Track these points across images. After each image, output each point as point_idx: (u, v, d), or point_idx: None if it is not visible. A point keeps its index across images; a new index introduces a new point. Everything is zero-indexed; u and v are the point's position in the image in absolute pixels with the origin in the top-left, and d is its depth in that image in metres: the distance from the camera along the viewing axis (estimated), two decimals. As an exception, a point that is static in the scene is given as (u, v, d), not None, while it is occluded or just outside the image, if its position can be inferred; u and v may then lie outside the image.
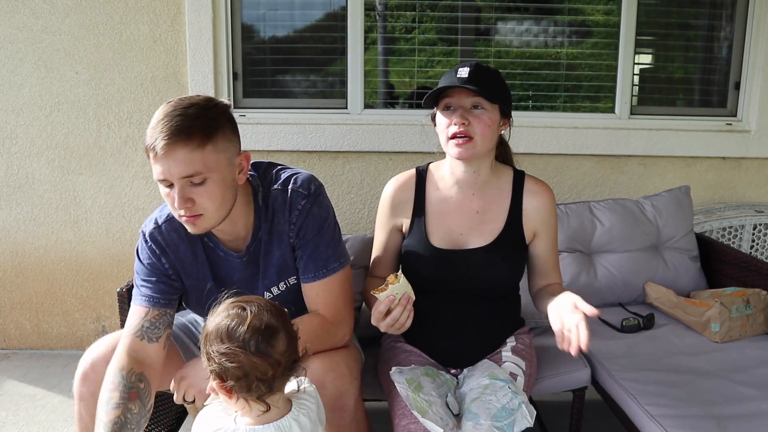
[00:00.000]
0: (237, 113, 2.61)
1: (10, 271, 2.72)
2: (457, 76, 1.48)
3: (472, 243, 1.58)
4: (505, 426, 1.31)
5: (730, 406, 1.53)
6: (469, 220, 1.59)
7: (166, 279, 1.45)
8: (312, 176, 1.48)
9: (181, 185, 1.27)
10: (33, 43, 2.51)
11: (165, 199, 1.32)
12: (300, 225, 1.43)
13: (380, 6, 2.66)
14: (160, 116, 1.26)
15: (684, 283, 2.23)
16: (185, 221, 1.33)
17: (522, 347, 1.62)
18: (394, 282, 1.35)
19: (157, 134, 1.24)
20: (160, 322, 1.41)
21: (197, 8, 2.47)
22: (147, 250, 1.44)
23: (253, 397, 1.05)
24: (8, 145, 2.59)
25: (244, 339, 1.02)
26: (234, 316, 1.05)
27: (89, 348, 1.47)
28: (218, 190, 1.30)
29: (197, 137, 1.25)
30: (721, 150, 2.66)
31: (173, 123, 1.24)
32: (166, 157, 1.24)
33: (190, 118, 1.26)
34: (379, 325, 1.38)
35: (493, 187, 1.60)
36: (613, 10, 2.65)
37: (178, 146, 1.24)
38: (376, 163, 2.64)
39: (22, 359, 2.70)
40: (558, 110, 2.72)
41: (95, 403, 1.31)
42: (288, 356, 1.07)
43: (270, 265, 1.47)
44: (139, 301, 1.43)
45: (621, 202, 2.32)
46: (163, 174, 1.26)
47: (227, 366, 1.02)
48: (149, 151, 1.26)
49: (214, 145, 1.28)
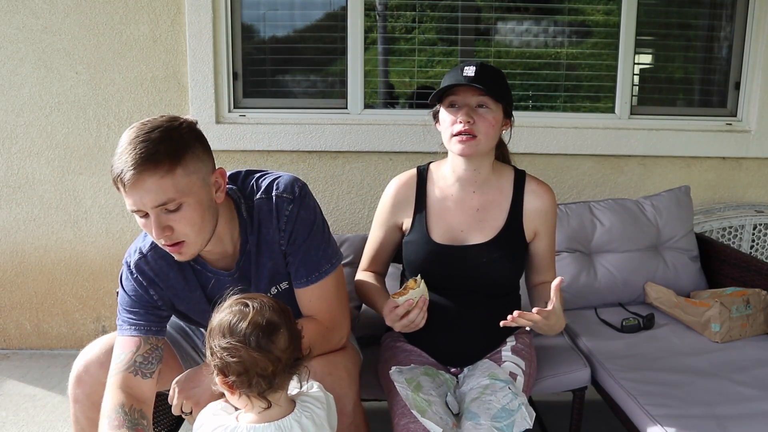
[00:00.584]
0: (237, 113, 2.61)
1: (10, 271, 2.72)
2: (464, 74, 1.49)
3: (472, 239, 1.59)
4: (505, 427, 1.31)
5: (730, 406, 1.53)
6: (470, 217, 1.60)
7: (154, 310, 1.39)
8: (294, 178, 1.42)
9: (155, 214, 1.20)
10: (33, 43, 2.51)
11: (144, 229, 1.26)
12: (290, 231, 1.38)
13: (380, 6, 2.66)
14: (124, 144, 1.19)
15: (684, 283, 2.23)
16: (170, 251, 1.27)
17: (522, 347, 1.63)
18: (414, 287, 1.38)
19: (122, 164, 1.17)
20: (153, 357, 1.35)
21: (197, 8, 2.47)
22: (133, 282, 1.38)
23: (254, 393, 1.06)
24: (8, 145, 2.59)
25: (245, 334, 1.04)
26: (236, 312, 1.07)
27: (83, 350, 1.44)
28: (196, 213, 1.23)
29: (164, 163, 1.18)
30: (721, 150, 2.66)
31: (137, 151, 1.17)
32: (136, 188, 1.17)
33: (155, 143, 1.18)
34: (394, 326, 1.41)
35: (493, 186, 1.62)
36: (613, 10, 2.65)
37: (145, 175, 1.16)
38: (376, 163, 2.64)
39: (22, 359, 2.70)
40: (558, 110, 2.72)
41: (90, 405, 1.30)
42: (289, 353, 1.07)
43: (262, 276, 1.43)
44: (127, 332, 1.36)
45: (621, 202, 2.32)
46: (135, 205, 1.20)
47: (228, 361, 1.04)
48: (117, 183, 1.19)
49: (184, 167, 1.20)
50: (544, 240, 1.64)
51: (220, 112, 2.58)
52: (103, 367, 1.37)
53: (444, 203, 1.62)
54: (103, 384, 1.32)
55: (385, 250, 1.69)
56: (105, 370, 1.35)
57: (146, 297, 1.38)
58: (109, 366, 1.34)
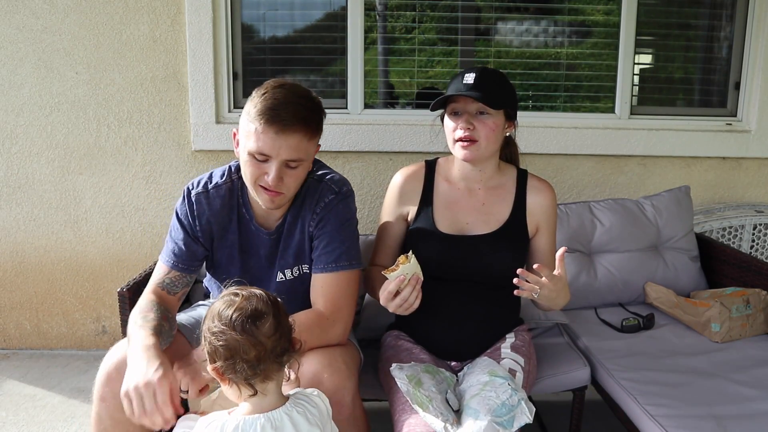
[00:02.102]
0: (237, 113, 2.61)
1: (10, 271, 2.72)
2: (464, 82, 1.55)
3: (477, 230, 1.64)
4: (505, 422, 1.32)
5: (730, 406, 1.53)
6: (476, 210, 1.66)
7: (193, 240, 1.53)
8: (346, 180, 1.57)
9: (280, 165, 1.36)
10: (33, 43, 2.51)
11: (247, 168, 1.40)
12: (321, 217, 1.50)
13: (380, 6, 2.66)
14: (280, 96, 1.34)
15: (684, 283, 2.23)
16: (268, 196, 1.41)
17: (521, 344, 1.64)
18: (405, 262, 1.38)
19: (279, 111, 1.32)
20: (179, 282, 1.53)
21: (197, 8, 2.47)
22: (186, 208, 1.53)
23: (241, 379, 1.10)
24: (8, 145, 2.59)
25: (231, 318, 1.10)
26: (228, 301, 1.13)
27: (111, 349, 1.43)
28: (303, 174, 1.45)
29: (312, 128, 1.38)
30: (721, 150, 2.66)
31: (296, 108, 1.34)
32: (280, 137, 1.33)
33: (310, 110, 1.38)
34: (388, 306, 1.42)
35: (497, 184, 1.68)
36: (613, 10, 2.65)
37: (296, 131, 1.34)
38: (376, 163, 2.64)
39: (22, 359, 2.70)
40: (558, 110, 2.72)
41: (117, 405, 1.28)
42: (275, 341, 1.10)
43: (289, 246, 1.54)
44: (164, 259, 1.54)
45: (621, 202, 2.32)
46: (268, 150, 1.35)
47: (216, 345, 1.10)
48: (260, 121, 1.33)
49: (318, 137, 1.43)
50: (545, 236, 1.68)
51: (220, 112, 2.58)
52: None
53: (451, 196, 1.68)
54: None
55: (395, 241, 1.73)
56: None
57: (192, 225, 1.53)
58: None
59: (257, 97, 1.38)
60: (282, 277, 1.57)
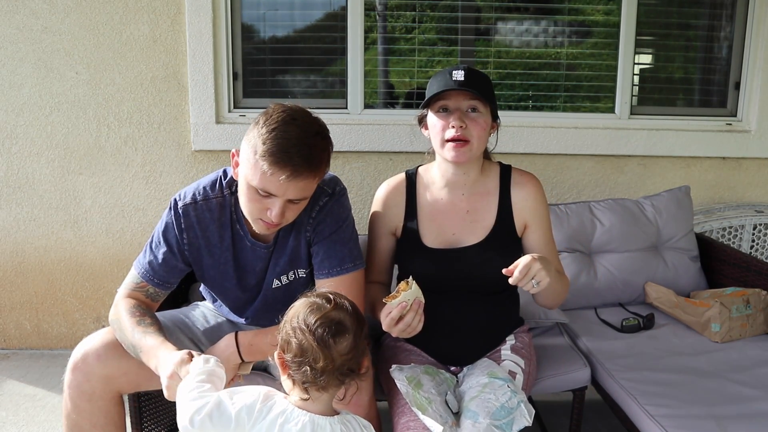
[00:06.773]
0: (237, 113, 2.61)
1: (10, 271, 2.72)
2: (454, 78, 1.48)
3: (465, 241, 1.59)
4: (504, 425, 1.31)
5: (730, 406, 1.53)
6: (461, 220, 1.61)
7: (174, 256, 1.47)
8: (337, 178, 1.53)
9: (284, 203, 1.32)
10: (33, 43, 2.51)
11: (247, 200, 1.34)
12: (318, 221, 1.47)
13: (380, 6, 2.66)
14: (292, 135, 1.26)
15: (684, 283, 2.23)
16: (266, 226, 1.36)
17: (521, 346, 1.63)
18: (406, 289, 1.37)
19: (288, 153, 1.25)
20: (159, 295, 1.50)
21: (197, 8, 2.47)
22: (173, 220, 1.47)
23: (299, 380, 1.10)
24: (8, 145, 2.59)
25: (314, 324, 1.08)
26: (317, 305, 1.12)
27: (83, 340, 1.48)
28: (305, 205, 1.39)
29: (320, 170, 1.32)
30: (721, 150, 2.66)
31: (310, 152, 1.27)
32: (289, 181, 1.27)
33: (320, 150, 1.31)
34: (391, 331, 1.39)
35: (481, 187, 1.62)
36: (613, 10, 2.65)
37: (304, 176, 1.28)
38: (376, 163, 2.64)
39: (22, 359, 2.70)
40: (558, 110, 2.72)
41: (80, 393, 1.40)
42: (345, 360, 1.09)
43: (283, 253, 1.50)
44: (138, 269, 1.49)
45: (621, 202, 2.32)
46: (273, 191, 1.29)
47: (291, 339, 1.09)
48: (264, 161, 1.26)
49: (324, 173, 1.37)
50: (537, 231, 1.61)
51: (220, 112, 2.58)
52: (100, 359, 1.43)
53: (434, 207, 1.63)
54: (97, 376, 1.42)
55: (386, 256, 1.68)
56: (101, 363, 1.42)
57: (179, 238, 1.47)
58: (105, 359, 1.42)
59: (266, 131, 1.27)
60: (278, 283, 1.54)
